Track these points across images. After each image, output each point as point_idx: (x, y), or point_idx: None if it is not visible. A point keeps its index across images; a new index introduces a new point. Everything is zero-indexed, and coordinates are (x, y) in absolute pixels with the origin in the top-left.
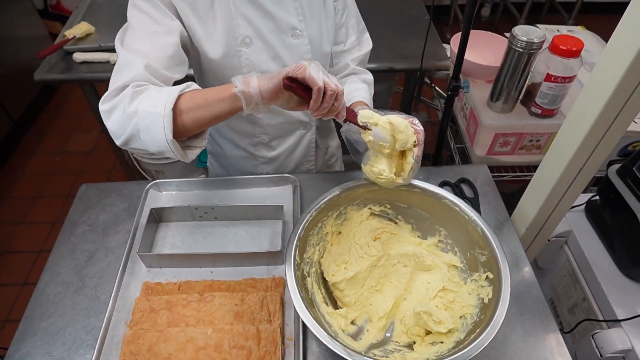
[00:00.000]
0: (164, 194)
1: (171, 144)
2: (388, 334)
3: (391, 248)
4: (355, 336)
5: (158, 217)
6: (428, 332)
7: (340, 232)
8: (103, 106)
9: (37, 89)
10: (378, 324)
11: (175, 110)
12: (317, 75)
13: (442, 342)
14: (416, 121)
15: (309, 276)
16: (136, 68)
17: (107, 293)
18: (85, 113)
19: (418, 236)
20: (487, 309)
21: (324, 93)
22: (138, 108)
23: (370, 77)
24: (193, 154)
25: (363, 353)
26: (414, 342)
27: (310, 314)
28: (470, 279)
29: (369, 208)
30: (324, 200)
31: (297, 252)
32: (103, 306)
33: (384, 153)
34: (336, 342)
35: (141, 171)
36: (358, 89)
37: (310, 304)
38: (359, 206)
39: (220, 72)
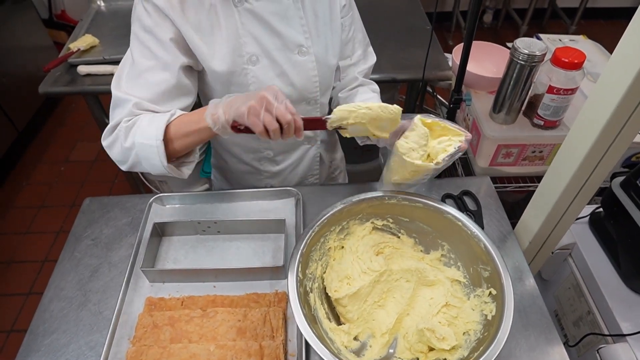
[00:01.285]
0: (167, 208)
1: (168, 168)
2: (391, 350)
3: (394, 263)
4: (358, 352)
5: (161, 231)
6: (431, 349)
7: (343, 247)
8: (104, 142)
9: (41, 99)
10: (381, 340)
11: (165, 139)
12: (257, 119)
13: (445, 359)
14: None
15: (311, 292)
16: (126, 108)
17: (111, 309)
18: (89, 123)
19: (421, 250)
20: (490, 326)
21: (281, 125)
22: (134, 141)
23: (377, 87)
24: (188, 170)
25: None
26: (417, 359)
27: (313, 331)
28: (474, 294)
29: (372, 222)
30: (326, 216)
31: (299, 269)
32: (106, 322)
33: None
34: (338, 359)
35: (144, 181)
36: (371, 99)
37: (312, 320)
38: (362, 220)
39: (227, 90)
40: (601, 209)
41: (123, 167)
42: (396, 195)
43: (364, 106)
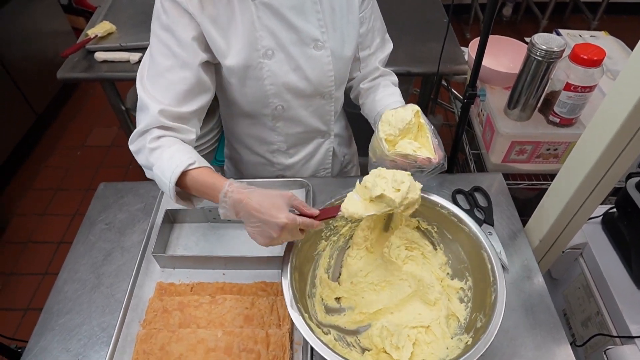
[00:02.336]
0: None
1: (177, 202)
2: (359, 330)
3: (411, 266)
4: (331, 311)
5: (173, 218)
6: (385, 352)
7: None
8: (131, 146)
9: (59, 84)
10: (356, 317)
11: (178, 182)
12: (286, 231)
13: None
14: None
15: (326, 240)
16: (151, 114)
17: (122, 292)
18: (106, 109)
19: (447, 273)
20: None
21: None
22: (153, 167)
23: (395, 78)
24: (199, 202)
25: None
26: (370, 350)
27: (304, 321)
28: (458, 337)
29: (418, 220)
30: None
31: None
32: (118, 304)
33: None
34: (332, 351)
35: None
36: (392, 94)
37: (305, 261)
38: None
39: (242, 84)
40: (615, 209)
41: (147, 175)
42: (449, 207)
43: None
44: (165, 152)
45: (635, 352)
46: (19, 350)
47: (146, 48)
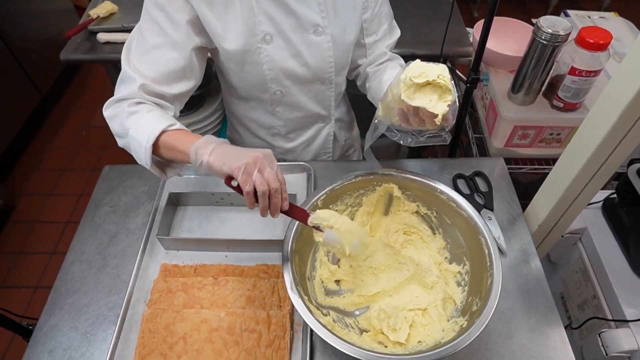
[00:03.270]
0: (183, 178)
1: (151, 168)
2: (357, 312)
3: (409, 250)
4: (330, 293)
5: (176, 200)
6: (383, 334)
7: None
8: (105, 112)
9: (63, 64)
10: (356, 299)
11: (155, 144)
12: (249, 178)
13: (386, 347)
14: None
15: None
16: (131, 87)
17: (128, 273)
18: (109, 89)
19: (446, 257)
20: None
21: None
22: (129, 130)
23: (403, 62)
24: (172, 174)
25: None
26: (368, 331)
27: (304, 303)
28: (454, 319)
29: (417, 205)
30: (376, 175)
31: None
32: (124, 285)
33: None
34: (331, 332)
35: None
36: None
37: (305, 244)
38: (409, 198)
39: (241, 69)
40: (615, 195)
41: (119, 143)
42: (448, 192)
43: (344, 217)
44: (143, 116)
45: (629, 335)
46: (30, 328)
47: None
